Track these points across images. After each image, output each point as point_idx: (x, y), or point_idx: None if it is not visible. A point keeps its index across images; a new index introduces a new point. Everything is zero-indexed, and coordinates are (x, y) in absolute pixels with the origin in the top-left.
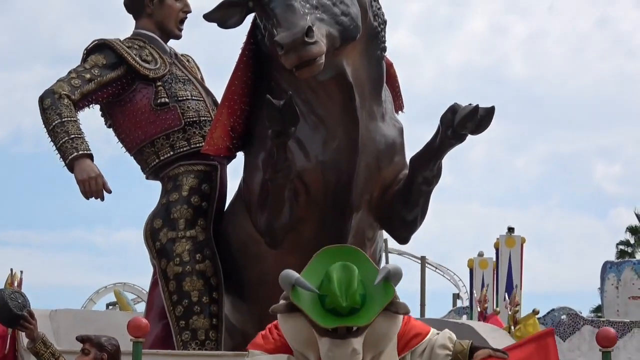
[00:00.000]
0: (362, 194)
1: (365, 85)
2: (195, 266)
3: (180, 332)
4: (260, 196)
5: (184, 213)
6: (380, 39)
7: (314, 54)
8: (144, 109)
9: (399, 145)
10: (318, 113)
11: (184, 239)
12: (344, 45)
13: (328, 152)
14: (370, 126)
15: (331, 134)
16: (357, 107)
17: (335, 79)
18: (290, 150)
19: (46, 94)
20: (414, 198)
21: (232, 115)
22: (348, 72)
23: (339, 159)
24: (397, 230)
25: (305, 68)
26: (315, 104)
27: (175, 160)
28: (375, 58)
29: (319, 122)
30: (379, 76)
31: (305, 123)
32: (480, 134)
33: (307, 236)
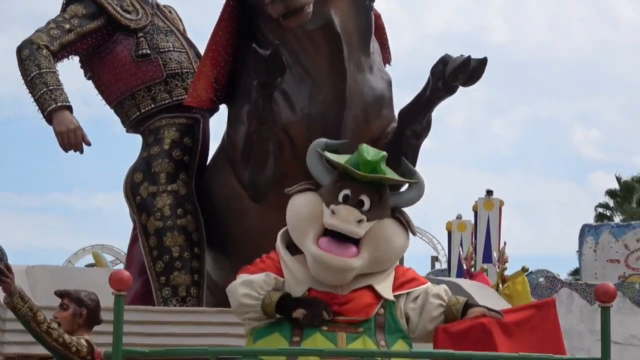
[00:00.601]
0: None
1: (354, 36)
2: (176, 221)
3: (161, 289)
4: (244, 149)
5: (165, 167)
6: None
7: (302, 2)
8: (124, 61)
9: (387, 98)
10: (304, 64)
11: (165, 194)
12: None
13: (314, 104)
14: (358, 78)
15: (318, 86)
16: (345, 58)
17: (322, 28)
18: (275, 103)
19: (24, 45)
20: (403, 152)
21: (215, 66)
22: (336, 21)
23: (325, 112)
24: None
25: (293, 17)
26: (301, 55)
27: (157, 113)
28: (364, 8)
29: (305, 73)
30: (368, 27)
31: (291, 75)
32: (472, 85)
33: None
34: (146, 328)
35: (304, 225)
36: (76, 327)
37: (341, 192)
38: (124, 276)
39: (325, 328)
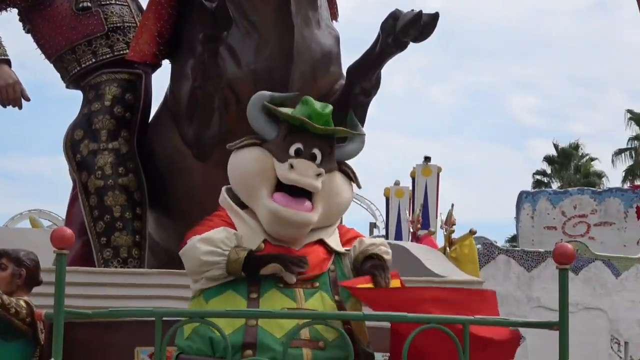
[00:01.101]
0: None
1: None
2: (117, 180)
3: (102, 250)
4: (188, 105)
5: (106, 124)
6: None
7: None
8: (64, 14)
9: (335, 54)
10: (251, 18)
11: (106, 151)
12: None
13: (260, 60)
14: (306, 33)
15: (264, 40)
16: (293, 12)
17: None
18: (221, 57)
19: None
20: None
21: (159, 20)
22: None
23: (272, 68)
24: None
25: None
26: (248, 8)
27: (98, 68)
28: None
29: (252, 28)
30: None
31: (237, 29)
32: (423, 41)
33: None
34: (87, 290)
35: (255, 180)
36: (15, 287)
37: (292, 145)
38: (65, 234)
39: (282, 285)
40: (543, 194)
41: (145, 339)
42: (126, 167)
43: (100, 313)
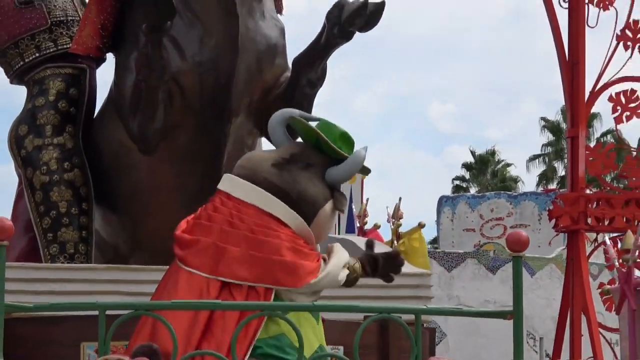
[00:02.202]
0: (241, 98)
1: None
2: (63, 175)
3: (48, 245)
4: (132, 99)
5: (50, 119)
6: None
7: None
8: (7, 7)
9: (280, 46)
10: (194, 8)
11: (51, 147)
12: None
13: (205, 51)
14: (250, 24)
15: (208, 31)
16: (237, 2)
17: None
18: (164, 49)
19: None
20: (297, 102)
21: (102, 12)
22: None
23: (216, 59)
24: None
25: None
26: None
27: (41, 63)
28: None
29: (195, 18)
30: None
31: (180, 20)
32: (369, 31)
33: (182, 143)
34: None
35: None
36: None
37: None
38: (5, 224)
39: None
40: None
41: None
42: (72, 163)
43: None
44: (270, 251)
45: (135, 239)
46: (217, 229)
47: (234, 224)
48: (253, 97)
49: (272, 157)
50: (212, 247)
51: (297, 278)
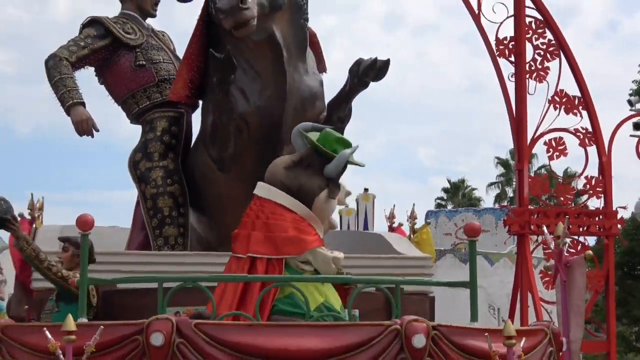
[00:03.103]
0: (290, 132)
1: (292, 46)
2: (166, 188)
3: (156, 239)
4: (211, 133)
5: (157, 148)
6: (303, 11)
7: (248, 17)
8: (126, 70)
9: (319, 93)
10: (256, 68)
11: (157, 168)
12: (272, 12)
13: (263, 99)
14: (296, 78)
15: (265, 84)
16: (285, 62)
17: (267, 39)
18: (234, 97)
19: (49, 57)
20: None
21: (190, 70)
22: (277, 34)
23: (271, 104)
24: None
25: (242, 29)
26: (253, 61)
27: (151, 108)
28: (299, 26)
29: (257, 75)
30: (303, 40)
31: (246, 76)
32: (379, 81)
33: (248, 165)
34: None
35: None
36: (74, 264)
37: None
38: (88, 219)
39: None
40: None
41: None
42: (172, 179)
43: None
44: (279, 231)
45: (220, 235)
46: (250, 222)
47: (258, 216)
48: None
49: (285, 162)
50: (245, 236)
51: (299, 248)
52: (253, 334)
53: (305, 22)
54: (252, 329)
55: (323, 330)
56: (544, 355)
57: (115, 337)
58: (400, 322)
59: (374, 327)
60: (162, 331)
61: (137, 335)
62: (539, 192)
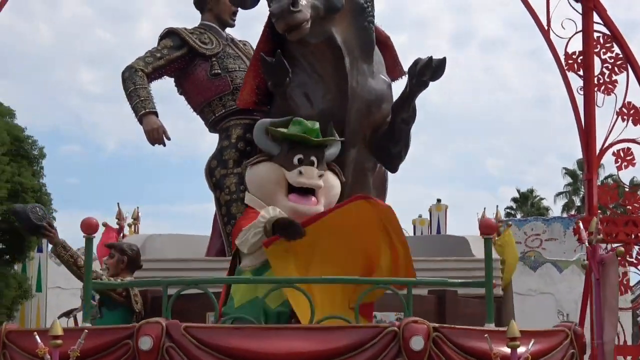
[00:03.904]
0: (355, 133)
1: (355, 49)
2: (239, 195)
3: (229, 245)
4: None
5: (232, 155)
6: (367, 13)
7: (299, 20)
8: (202, 79)
9: (387, 96)
10: (318, 71)
11: (232, 175)
12: (328, 15)
13: (325, 101)
14: (360, 80)
15: (328, 87)
16: (347, 65)
17: (326, 42)
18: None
19: (126, 69)
20: (396, 135)
21: (257, 76)
22: (337, 37)
23: (333, 107)
24: (387, 161)
25: (294, 32)
26: (316, 64)
27: (227, 116)
28: (362, 29)
29: (319, 78)
30: (368, 43)
31: (310, 79)
32: (437, 80)
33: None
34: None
35: (273, 186)
36: (119, 270)
37: (295, 157)
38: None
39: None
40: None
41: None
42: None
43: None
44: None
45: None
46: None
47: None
48: (366, 133)
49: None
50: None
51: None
52: (243, 337)
53: (370, 24)
54: (241, 331)
55: (314, 333)
56: (565, 357)
57: (107, 341)
58: (399, 323)
59: (370, 330)
60: (151, 335)
61: (127, 340)
62: (608, 201)
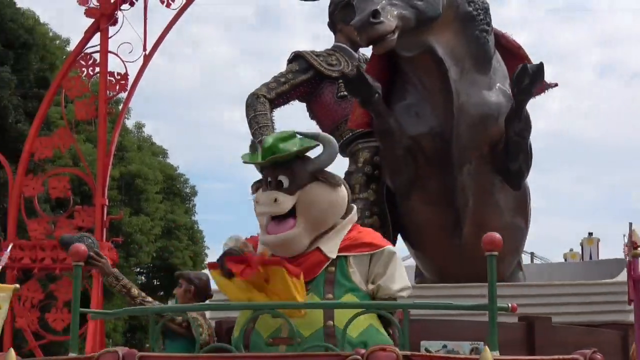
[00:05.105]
0: (466, 150)
1: (465, 60)
2: (364, 221)
3: None
4: (382, 158)
5: (359, 180)
6: (478, 21)
7: (380, 31)
8: (330, 102)
9: (506, 108)
10: (427, 86)
11: (358, 200)
12: (422, 25)
13: (433, 117)
14: (472, 93)
15: (434, 102)
16: (451, 78)
17: (426, 55)
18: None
19: (249, 96)
20: (512, 149)
21: None
22: (438, 48)
23: (441, 123)
24: (508, 179)
25: (378, 44)
26: (423, 78)
27: (355, 139)
28: (474, 38)
29: (427, 93)
30: (482, 52)
31: (419, 95)
32: (537, 86)
33: (433, 188)
34: None
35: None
36: (187, 300)
37: (266, 179)
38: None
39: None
40: None
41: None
42: (372, 211)
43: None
44: None
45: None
46: None
47: None
48: (483, 149)
49: None
50: None
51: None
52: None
53: (483, 32)
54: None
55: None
56: None
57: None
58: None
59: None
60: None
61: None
62: None
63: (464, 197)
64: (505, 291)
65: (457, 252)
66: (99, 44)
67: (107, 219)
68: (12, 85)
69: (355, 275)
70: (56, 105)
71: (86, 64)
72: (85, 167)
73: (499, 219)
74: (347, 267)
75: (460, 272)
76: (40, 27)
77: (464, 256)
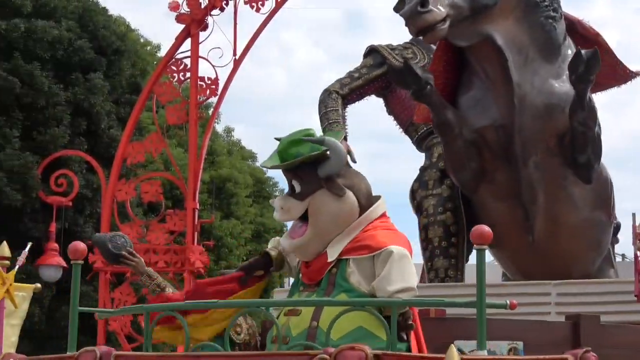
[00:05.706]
0: (530, 143)
1: (530, 48)
2: (437, 217)
3: (428, 272)
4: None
5: (432, 175)
6: (541, 7)
7: (428, 20)
8: (404, 96)
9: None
10: (490, 77)
11: (430, 196)
12: (477, 13)
13: (496, 109)
14: (536, 83)
15: (497, 92)
16: (512, 66)
17: (485, 43)
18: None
19: (322, 92)
20: (578, 140)
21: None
22: (497, 37)
23: (503, 115)
24: (577, 171)
25: (428, 34)
26: (487, 69)
27: (429, 134)
28: (539, 24)
29: (491, 83)
30: (548, 40)
31: (482, 85)
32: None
33: (500, 183)
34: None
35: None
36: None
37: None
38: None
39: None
40: None
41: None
42: (445, 207)
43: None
44: None
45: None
46: None
47: None
48: (550, 142)
49: None
50: None
51: None
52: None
53: (549, 19)
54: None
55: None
56: None
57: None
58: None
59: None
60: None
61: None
62: None
63: (532, 191)
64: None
65: (530, 249)
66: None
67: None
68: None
69: (354, 276)
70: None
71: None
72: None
73: (574, 214)
74: (347, 268)
75: (535, 270)
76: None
77: (538, 253)
